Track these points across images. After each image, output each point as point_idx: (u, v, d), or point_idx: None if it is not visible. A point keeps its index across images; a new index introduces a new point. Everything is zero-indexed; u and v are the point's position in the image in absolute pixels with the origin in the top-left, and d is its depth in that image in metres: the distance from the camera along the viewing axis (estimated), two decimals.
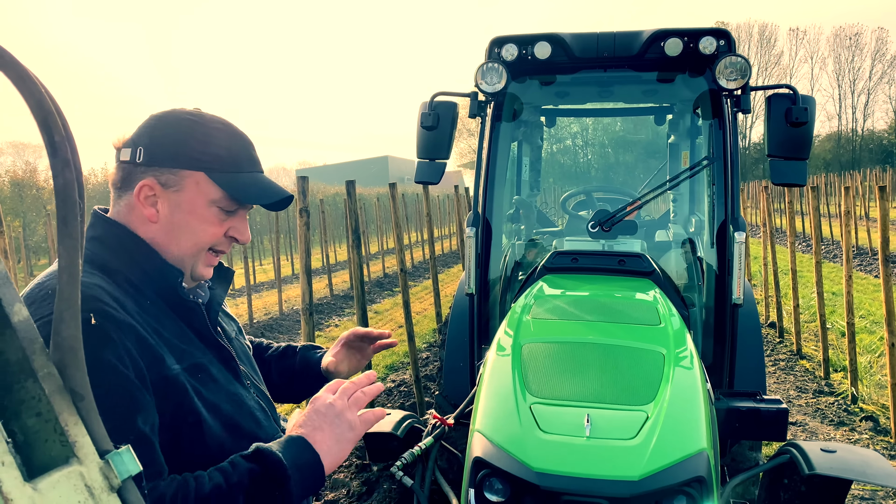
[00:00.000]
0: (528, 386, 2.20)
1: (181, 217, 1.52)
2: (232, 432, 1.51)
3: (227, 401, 1.53)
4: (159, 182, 1.50)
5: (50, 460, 0.72)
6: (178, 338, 1.49)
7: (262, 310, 13.50)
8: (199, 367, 1.49)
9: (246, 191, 1.57)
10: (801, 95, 3.35)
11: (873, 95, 69.13)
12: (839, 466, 2.43)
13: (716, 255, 3.68)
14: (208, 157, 1.52)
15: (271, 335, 11.09)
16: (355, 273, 5.09)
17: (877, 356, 8.00)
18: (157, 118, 1.53)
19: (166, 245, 1.53)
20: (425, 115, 3.71)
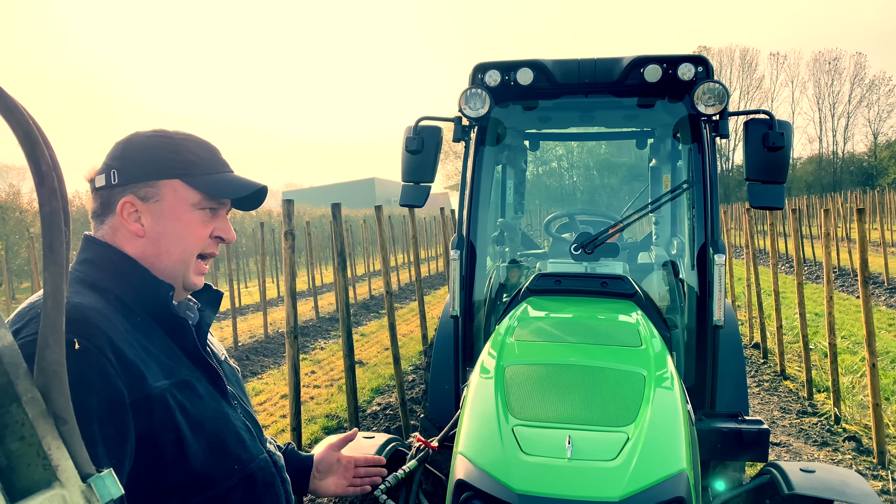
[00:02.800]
0: (511, 408, 2.22)
1: (166, 225, 1.56)
2: (215, 451, 1.51)
3: (212, 419, 1.53)
4: (139, 197, 1.54)
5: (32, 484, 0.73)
6: (166, 354, 1.50)
7: (247, 332, 13.42)
8: (186, 384, 1.50)
9: (222, 188, 1.62)
10: (777, 121, 3.42)
11: (853, 119, 70.34)
12: (819, 486, 2.46)
13: (696, 277, 3.72)
14: (181, 164, 1.57)
15: (256, 358, 11.02)
16: (340, 296, 5.10)
17: (859, 376, 8.07)
18: (125, 141, 1.58)
19: (156, 257, 1.57)
20: (410, 139, 3.75)
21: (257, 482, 1.62)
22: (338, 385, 9.03)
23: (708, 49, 70.81)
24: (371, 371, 9.83)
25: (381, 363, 10.28)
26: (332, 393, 8.72)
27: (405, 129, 3.82)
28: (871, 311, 5.71)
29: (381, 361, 10.38)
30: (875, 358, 5.69)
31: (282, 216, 4.40)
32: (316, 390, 8.97)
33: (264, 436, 1.85)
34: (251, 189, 1.66)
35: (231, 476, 1.54)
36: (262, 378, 9.86)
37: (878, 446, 5.61)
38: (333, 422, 7.47)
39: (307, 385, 9.21)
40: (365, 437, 2.94)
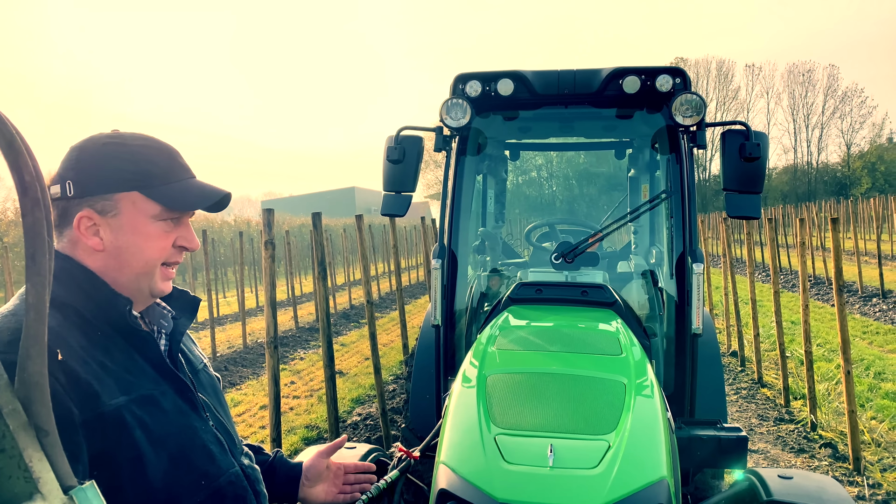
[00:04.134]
0: (493, 417, 2.22)
1: (126, 239, 1.52)
2: (179, 466, 1.47)
3: (176, 434, 1.50)
4: (96, 210, 1.49)
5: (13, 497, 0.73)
6: (126, 369, 1.46)
7: (225, 343, 13.31)
8: (148, 399, 1.46)
9: (183, 199, 1.57)
10: (753, 132, 3.47)
11: (826, 129, 71.50)
12: (796, 493, 2.49)
13: (675, 285, 3.76)
14: (138, 175, 1.51)
15: (235, 369, 10.93)
16: (321, 305, 5.08)
17: (834, 384, 8.18)
18: (79, 148, 1.52)
19: (118, 270, 1.53)
20: (391, 148, 3.76)
21: (226, 497, 1.59)
22: (317, 395, 8.97)
23: (685, 60, 71.70)
24: (351, 381, 9.78)
25: (361, 373, 10.23)
26: (312, 403, 8.67)
27: (386, 139, 3.83)
28: (845, 320, 5.79)
29: (362, 371, 10.34)
30: (850, 365, 5.77)
31: (261, 225, 4.38)
32: (295, 401, 8.90)
33: (239, 448, 1.81)
34: (213, 199, 1.61)
35: (197, 492, 1.51)
36: (241, 389, 9.77)
37: (854, 452, 5.68)
38: (313, 432, 7.42)
39: (286, 395, 9.14)
40: (347, 447, 2.93)
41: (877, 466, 5.73)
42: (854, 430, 5.69)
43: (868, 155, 67.76)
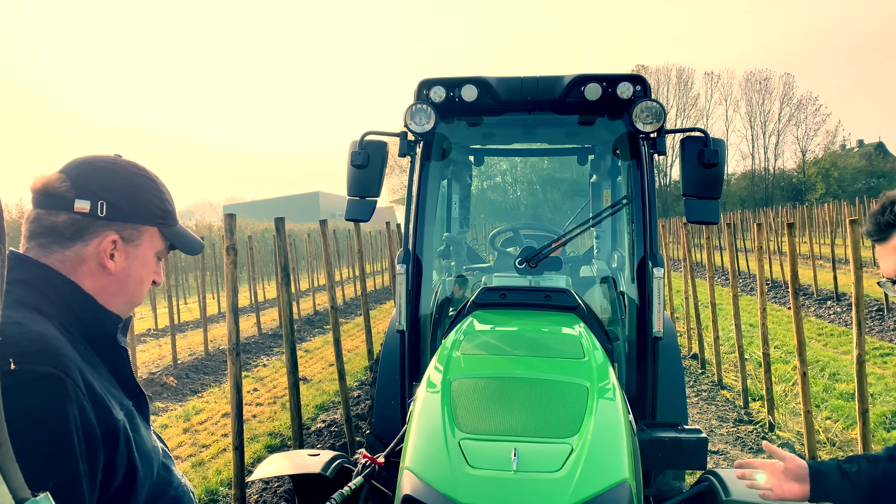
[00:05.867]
0: (458, 422, 2.23)
1: (136, 269, 1.60)
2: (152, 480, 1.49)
3: (151, 448, 1.52)
4: (122, 236, 1.55)
5: None
6: (111, 384, 1.49)
7: (186, 350, 13.09)
8: (130, 414, 1.49)
9: (184, 242, 1.72)
10: (711, 138, 3.55)
11: (783, 136, 73.21)
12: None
13: (636, 289, 3.82)
14: (162, 212, 1.64)
15: (196, 376, 10.75)
16: (284, 311, 5.03)
17: (791, 385, 8.37)
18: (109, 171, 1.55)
19: (115, 295, 1.57)
20: (355, 153, 3.75)
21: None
22: (281, 402, 8.88)
23: (646, 68, 72.78)
24: (315, 387, 9.70)
25: (325, 379, 10.16)
26: (276, 411, 8.57)
27: (351, 144, 3.82)
28: (801, 322, 5.93)
29: (326, 377, 10.26)
30: (806, 367, 5.90)
31: (223, 230, 4.33)
32: (258, 408, 8.80)
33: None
34: (202, 246, 1.80)
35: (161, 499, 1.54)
36: (203, 397, 9.62)
37: (810, 452, 5.81)
38: (277, 440, 7.34)
39: (249, 403, 9.03)
40: (310, 454, 2.91)
41: None
42: (810, 430, 5.82)
43: (822, 161, 69.62)
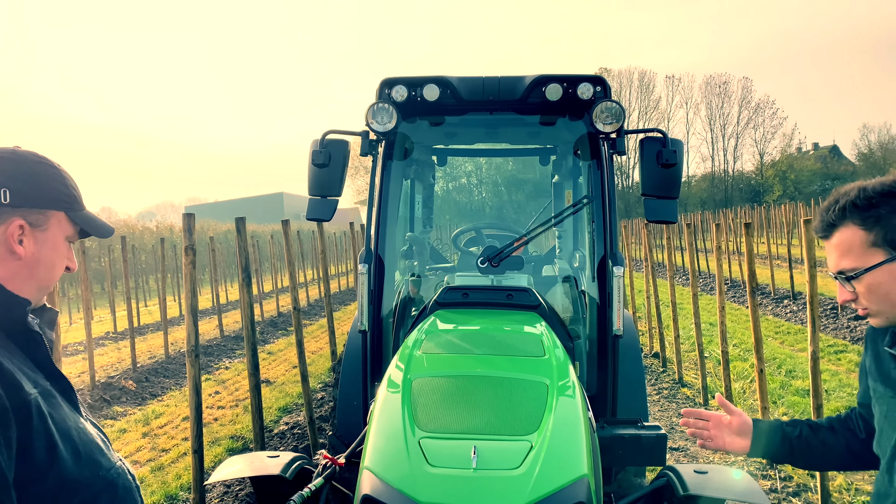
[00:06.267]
0: (418, 421, 2.22)
1: (46, 254, 1.64)
2: (79, 457, 1.54)
3: (73, 427, 1.56)
4: (28, 221, 1.60)
5: None
6: (26, 365, 1.53)
7: (146, 353, 12.85)
8: (49, 393, 1.53)
9: (94, 226, 1.76)
10: (670, 139, 3.60)
11: (741, 139, 74.75)
12: (711, 486, 2.59)
13: (597, 288, 3.85)
14: (67, 197, 1.68)
15: (156, 380, 10.57)
16: (245, 313, 4.97)
17: (749, 382, 8.54)
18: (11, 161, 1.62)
19: (26, 280, 1.61)
20: (316, 152, 3.72)
21: (118, 488, 1.66)
22: (243, 405, 8.77)
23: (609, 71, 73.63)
24: (279, 390, 9.61)
25: (289, 382, 10.06)
26: (238, 413, 8.46)
27: (312, 143, 3.78)
28: (758, 320, 6.06)
29: (290, 380, 10.17)
30: (763, 364, 6.02)
31: (182, 231, 4.26)
32: (220, 411, 8.68)
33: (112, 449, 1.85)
34: (111, 231, 1.84)
35: (96, 482, 1.58)
36: (163, 400, 9.46)
37: None
38: (238, 443, 7.25)
39: (211, 406, 8.90)
40: (269, 456, 2.87)
41: None
42: None
43: (779, 164, 71.26)
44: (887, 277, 1.59)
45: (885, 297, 1.60)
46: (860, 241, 1.61)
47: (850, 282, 1.65)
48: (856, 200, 1.61)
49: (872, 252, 1.60)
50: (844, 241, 1.64)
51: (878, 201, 1.59)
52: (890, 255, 1.58)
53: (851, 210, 1.62)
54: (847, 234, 1.63)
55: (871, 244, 1.60)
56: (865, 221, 1.60)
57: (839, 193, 1.67)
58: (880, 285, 1.60)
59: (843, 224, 1.64)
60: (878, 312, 1.63)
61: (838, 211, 1.64)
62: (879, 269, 1.59)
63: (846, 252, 1.64)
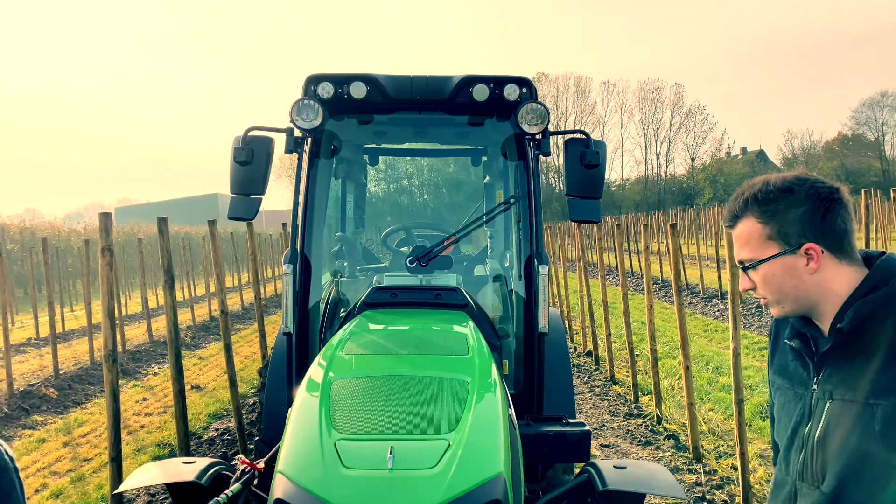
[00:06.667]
0: (335, 422, 2.18)
1: None
2: None
3: None
4: None
5: None
6: None
7: (70, 360, 12.34)
8: None
9: None
10: (593, 140, 3.65)
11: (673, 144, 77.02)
12: (629, 481, 2.62)
13: (524, 287, 3.88)
14: None
15: (80, 387, 10.15)
16: (169, 316, 4.82)
17: (677, 379, 8.75)
18: None
19: None
20: (238, 149, 3.63)
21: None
22: (171, 412, 8.50)
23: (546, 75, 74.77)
24: (210, 396, 9.37)
25: (220, 387, 9.83)
26: (165, 420, 8.21)
27: (234, 140, 3.69)
28: (684, 318, 6.22)
29: (221, 385, 9.93)
30: (689, 361, 6.19)
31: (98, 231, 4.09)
32: (148, 418, 8.41)
33: None
34: None
35: None
36: (87, 408, 9.10)
37: (693, 442, 6.10)
38: (166, 450, 7.03)
39: (138, 413, 8.62)
40: (185, 462, 2.78)
41: (713, 454, 6.18)
42: (693, 421, 6.10)
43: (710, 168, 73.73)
44: (780, 269, 1.64)
45: (778, 288, 1.65)
46: (758, 233, 1.66)
47: (747, 272, 1.69)
48: (757, 194, 1.66)
49: (768, 244, 1.65)
50: (744, 233, 1.69)
51: (777, 196, 1.63)
52: (782, 249, 1.63)
53: (752, 203, 1.66)
54: (747, 226, 1.68)
55: (767, 237, 1.64)
56: (763, 215, 1.65)
57: (747, 186, 1.72)
58: (774, 277, 1.65)
59: (745, 216, 1.68)
60: (774, 302, 1.68)
61: (742, 203, 1.69)
62: (773, 261, 1.64)
63: (745, 243, 1.69)
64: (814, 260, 1.61)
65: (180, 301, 20.23)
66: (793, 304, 1.66)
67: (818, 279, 1.62)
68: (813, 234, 1.60)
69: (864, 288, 1.59)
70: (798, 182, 1.63)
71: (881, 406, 1.48)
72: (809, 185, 1.63)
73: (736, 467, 5.25)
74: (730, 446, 6.28)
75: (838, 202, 1.61)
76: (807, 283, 1.62)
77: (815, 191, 1.61)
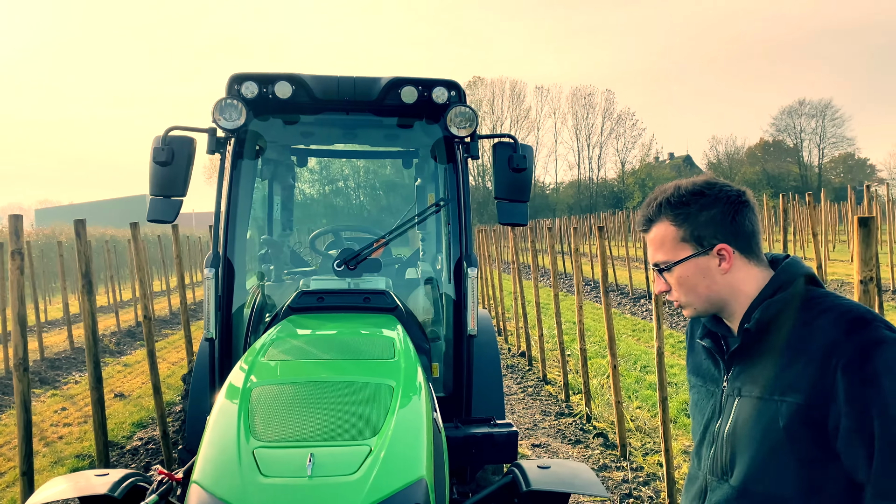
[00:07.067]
0: (254, 430, 2.13)
1: None
2: None
3: None
4: None
5: None
6: None
7: None
8: None
9: None
10: (520, 144, 3.69)
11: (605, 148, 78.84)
12: (552, 481, 2.66)
13: (454, 289, 3.88)
14: None
15: None
16: (87, 322, 4.63)
17: (605, 377, 8.94)
18: None
19: None
20: (158, 149, 3.51)
21: None
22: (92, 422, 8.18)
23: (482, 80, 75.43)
24: (134, 404, 9.06)
25: (145, 395, 9.50)
26: (86, 431, 7.88)
27: (153, 139, 3.57)
28: (611, 318, 6.35)
29: (146, 393, 9.59)
30: (616, 360, 6.33)
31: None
32: (67, 429, 8.06)
33: None
34: None
35: None
36: (1, 419, 8.65)
37: (621, 440, 6.23)
38: (85, 462, 6.75)
39: (57, 424, 8.25)
40: (97, 474, 2.67)
41: (640, 451, 6.33)
42: (621, 419, 6.24)
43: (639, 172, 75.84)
44: (693, 270, 1.68)
45: (692, 289, 1.70)
46: (672, 236, 1.70)
47: (663, 274, 1.73)
48: (670, 198, 1.70)
49: (682, 247, 1.69)
50: (658, 236, 1.73)
51: (689, 199, 1.68)
52: (696, 251, 1.68)
53: (666, 207, 1.71)
54: (661, 229, 1.72)
55: (681, 239, 1.69)
56: (677, 218, 1.69)
57: (659, 191, 1.76)
58: (688, 278, 1.69)
59: (659, 220, 1.72)
60: (688, 303, 1.73)
61: (655, 207, 1.73)
62: (687, 262, 1.68)
63: (660, 246, 1.72)
64: (726, 260, 1.66)
65: (105, 306, 19.49)
66: (705, 303, 1.71)
67: (729, 279, 1.67)
68: (724, 235, 1.66)
69: (769, 289, 1.66)
70: (708, 186, 1.69)
71: (785, 402, 1.54)
72: (719, 188, 1.68)
73: (661, 464, 5.39)
74: (656, 443, 6.44)
75: (746, 205, 1.68)
76: (719, 283, 1.67)
77: (724, 194, 1.67)
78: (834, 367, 1.48)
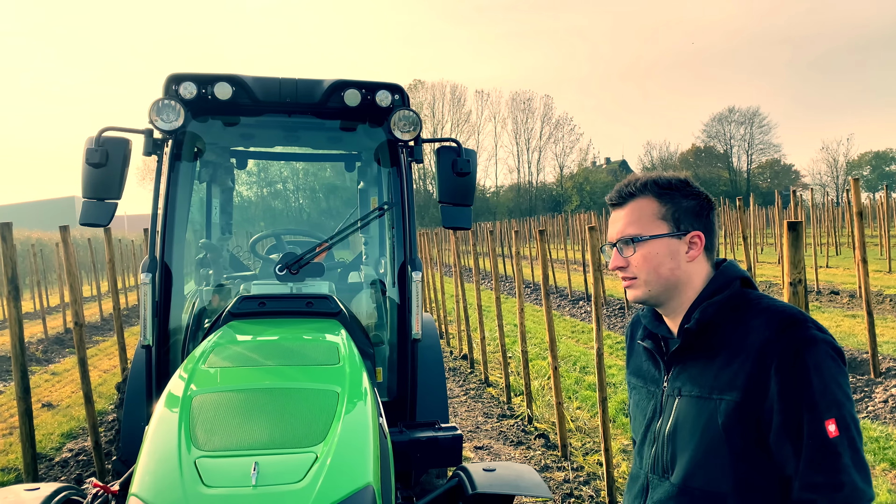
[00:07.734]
0: (196, 439, 2.08)
1: None
2: None
3: None
4: None
5: None
6: None
7: None
8: None
9: None
10: (464, 149, 3.72)
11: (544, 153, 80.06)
12: (497, 483, 2.68)
13: (398, 293, 3.88)
14: None
15: None
16: (13, 329, 4.44)
17: (546, 379, 9.06)
18: None
19: None
20: (91, 150, 3.39)
21: None
22: (18, 434, 7.83)
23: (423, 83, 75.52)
24: (64, 413, 8.71)
25: (75, 404, 9.15)
26: (11, 443, 7.54)
27: (86, 140, 3.45)
28: (552, 320, 6.45)
29: (76, 402, 9.25)
30: (557, 362, 6.43)
31: None
32: None
33: None
34: None
35: None
36: None
37: (562, 440, 6.33)
38: (11, 475, 6.46)
39: None
40: (27, 489, 2.56)
41: (580, 451, 6.44)
42: (561, 420, 6.33)
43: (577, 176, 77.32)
44: (663, 249, 1.73)
45: (655, 268, 1.74)
46: (652, 210, 1.75)
47: (629, 245, 1.76)
48: (657, 179, 1.78)
49: (659, 224, 1.74)
50: (637, 209, 1.76)
51: (677, 185, 1.76)
52: (671, 231, 1.73)
53: (652, 185, 1.77)
54: (642, 203, 1.76)
55: (660, 216, 1.74)
56: (662, 196, 1.75)
57: (641, 175, 1.82)
58: (656, 255, 1.73)
59: (643, 195, 1.77)
60: (645, 282, 1.75)
61: (640, 184, 1.78)
62: (661, 239, 1.73)
63: (636, 219, 1.76)
64: (695, 249, 1.73)
65: (30, 312, 18.69)
66: (661, 286, 1.74)
67: (690, 269, 1.74)
68: (700, 226, 1.74)
69: (707, 291, 1.72)
70: (689, 181, 1.79)
71: (724, 400, 1.59)
72: (697, 186, 1.79)
73: (601, 463, 5.49)
74: (596, 443, 6.56)
75: (713, 207, 1.79)
76: (682, 268, 1.73)
77: (702, 192, 1.78)
78: (769, 365, 1.55)
